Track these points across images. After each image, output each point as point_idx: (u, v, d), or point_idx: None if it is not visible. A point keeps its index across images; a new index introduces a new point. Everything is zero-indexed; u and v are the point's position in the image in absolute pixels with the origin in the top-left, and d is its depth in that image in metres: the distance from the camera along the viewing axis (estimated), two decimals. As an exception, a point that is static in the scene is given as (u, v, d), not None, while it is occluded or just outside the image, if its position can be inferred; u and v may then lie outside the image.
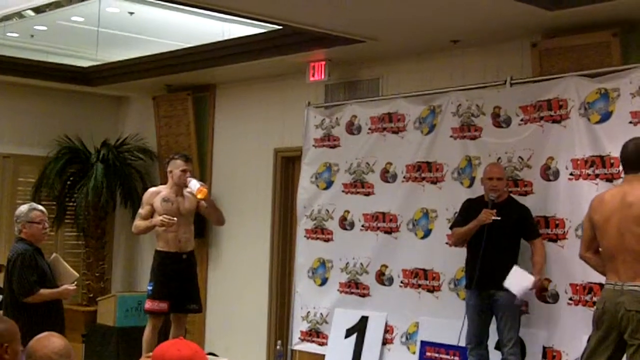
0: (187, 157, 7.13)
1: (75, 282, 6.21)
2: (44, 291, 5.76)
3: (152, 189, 7.19)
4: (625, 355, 4.88)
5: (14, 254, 5.81)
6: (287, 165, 8.75)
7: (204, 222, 8.36)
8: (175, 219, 6.80)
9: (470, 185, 6.56)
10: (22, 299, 5.71)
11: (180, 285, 7.00)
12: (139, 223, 7.00)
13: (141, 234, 7.55)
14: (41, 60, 9.43)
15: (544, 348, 5.99)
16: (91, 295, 9.80)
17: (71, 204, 9.95)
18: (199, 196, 6.77)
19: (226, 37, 8.05)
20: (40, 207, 6.12)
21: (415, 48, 7.24)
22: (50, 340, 3.39)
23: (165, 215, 6.76)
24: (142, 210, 7.01)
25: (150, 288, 7.00)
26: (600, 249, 5.08)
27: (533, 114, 6.21)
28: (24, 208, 6.01)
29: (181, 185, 6.95)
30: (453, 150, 6.71)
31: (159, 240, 7.02)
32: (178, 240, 6.96)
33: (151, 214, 6.93)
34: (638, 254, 4.80)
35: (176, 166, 6.97)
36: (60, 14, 8.09)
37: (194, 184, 6.77)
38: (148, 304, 6.97)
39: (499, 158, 6.33)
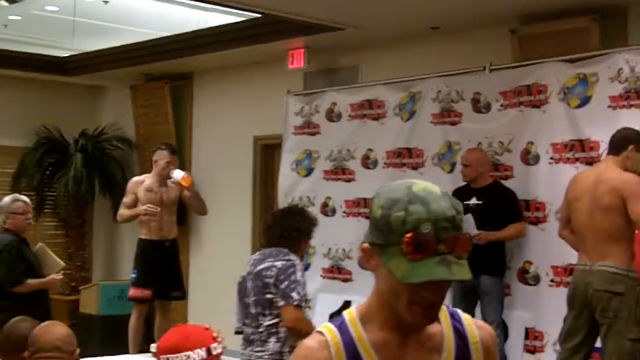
0: (174, 149, 7.19)
1: (62, 271, 6.25)
2: (31, 281, 5.81)
3: (136, 178, 7.23)
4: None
5: (0, 245, 5.84)
6: (267, 153, 8.75)
7: (184, 209, 8.37)
8: (158, 208, 6.85)
9: (451, 171, 6.63)
10: (10, 289, 5.74)
11: (164, 272, 7.06)
12: (123, 212, 7.05)
13: (125, 222, 7.59)
14: (16, 50, 9.35)
15: (527, 329, 6.08)
16: (73, 284, 9.77)
17: (50, 194, 9.90)
18: (183, 183, 6.82)
19: (201, 26, 8.02)
20: (24, 197, 6.15)
21: (394, 35, 7.26)
22: (54, 328, 3.45)
23: (149, 205, 6.81)
24: (126, 199, 7.05)
25: (134, 275, 7.05)
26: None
27: (513, 99, 6.28)
28: (7, 199, 6.03)
29: (164, 176, 6.99)
30: (433, 136, 6.76)
31: (142, 228, 7.07)
32: (160, 228, 7.02)
33: (135, 202, 6.98)
34: (607, 233, 4.88)
35: (162, 157, 7.01)
36: (34, 4, 8.05)
37: (178, 173, 6.82)
38: (132, 291, 7.03)
39: (480, 143, 6.39)
